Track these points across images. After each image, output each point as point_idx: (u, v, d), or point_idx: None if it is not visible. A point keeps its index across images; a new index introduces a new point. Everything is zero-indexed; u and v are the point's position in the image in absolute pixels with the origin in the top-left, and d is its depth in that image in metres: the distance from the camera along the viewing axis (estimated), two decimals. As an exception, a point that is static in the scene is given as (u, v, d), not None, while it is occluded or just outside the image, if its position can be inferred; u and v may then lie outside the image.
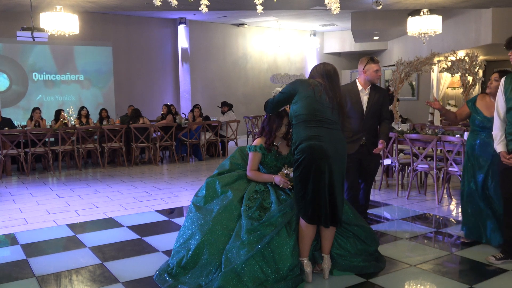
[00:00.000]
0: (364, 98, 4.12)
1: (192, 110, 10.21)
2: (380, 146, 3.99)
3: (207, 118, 10.13)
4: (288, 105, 3.32)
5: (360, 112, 4.08)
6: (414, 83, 13.45)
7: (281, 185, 3.34)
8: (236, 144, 10.48)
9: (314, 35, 15.25)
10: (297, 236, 3.17)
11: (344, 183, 3.21)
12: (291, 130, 3.34)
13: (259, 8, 5.43)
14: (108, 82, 12.18)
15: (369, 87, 4.13)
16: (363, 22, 11.70)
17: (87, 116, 9.57)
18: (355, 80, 4.20)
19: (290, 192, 3.32)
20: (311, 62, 15.37)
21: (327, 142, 3.04)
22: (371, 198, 4.68)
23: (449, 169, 5.44)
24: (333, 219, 3.15)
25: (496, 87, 3.76)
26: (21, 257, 3.89)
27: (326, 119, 3.07)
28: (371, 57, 4.12)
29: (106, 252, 3.97)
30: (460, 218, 4.90)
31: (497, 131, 3.48)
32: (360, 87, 4.14)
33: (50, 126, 9.16)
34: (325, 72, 3.16)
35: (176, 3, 5.11)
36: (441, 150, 5.72)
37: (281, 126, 3.42)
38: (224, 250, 3.09)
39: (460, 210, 5.31)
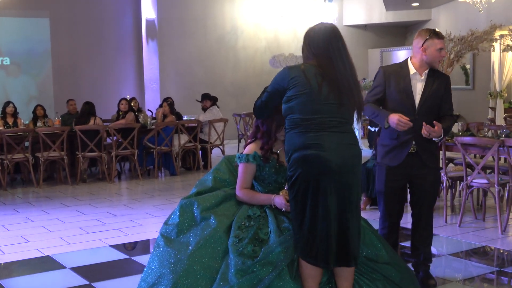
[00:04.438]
0: (418, 86, 4.00)
1: (161, 106, 10.20)
2: (435, 128, 3.80)
3: (179, 116, 10.13)
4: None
5: (409, 105, 3.96)
6: (468, 66, 13.51)
7: (283, 209, 3.36)
8: (223, 152, 10.49)
9: (330, 0, 15.32)
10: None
11: (359, 205, 3.20)
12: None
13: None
14: (44, 67, 12.17)
15: (426, 71, 4.01)
16: (397, -17, 11.78)
17: (15, 115, 9.54)
18: (407, 60, 4.09)
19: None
20: (326, 39, 15.43)
21: (331, 151, 3.03)
22: (403, 224, 4.59)
23: (517, 184, 5.49)
24: (342, 257, 3.13)
25: None
26: None
27: (331, 120, 3.07)
28: (434, 30, 4.00)
29: (42, 303, 3.97)
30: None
31: None
32: (413, 70, 4.01)
33: (-36, 129, 9.13)
34: (323, 43, 3.11)
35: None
36: (505, 159, 5.74)
37: (283, 124, 3.42)
38: (206, 299, 3.10)
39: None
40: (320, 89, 3.07)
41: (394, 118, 3.83)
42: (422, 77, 4.02)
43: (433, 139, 3.93)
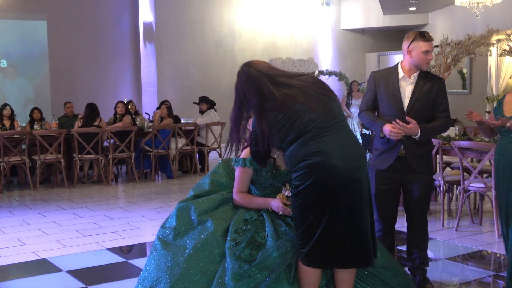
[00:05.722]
0: (407, 89, 4.02)
1: (158, 109, 10.20)
2: (409, 125, 3.85)
3: (177, 119, 10.14)
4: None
5: (398, 109, 3.99)
6: (465, 70, 13.53)
7: (280, 213, 3.36)
8: (220, 155, 10.49)
9: (328, 4, 15.36)
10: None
11: (371, 203, 3.17)
12: None
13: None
14: (41, 70, 12.16)
15: (415, 74, 4.03)
16: (394, -13, 11.82)
17: (12, 117, 9.54)
18: (398, 64, 4.13)
19: (292, 222, 3.33)
20: (324, 42, 15.46)
21: (335, 156, 3.02)
22: (399, 228, 4.60)
23: (513, 189, 5.49)
24: (356, 257, 3.13)
25: None
26: None
27: (328, 121, 3.08)
28: (421, 32, 4.01)
29: (38, 307, 3.96)
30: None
31: None
32: (401, 74, 4.04)
33: (-40, 131, 9.11)
34: (256, 85, 3.26)
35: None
36: (502, 163, 5.75)
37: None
38: (203, 303, 3.10)
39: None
40: (295, 106, 3.10)
41: (387, 129, 3.89)
42: (411, 80, 4.04)
43: (413, 137, 3.92)
